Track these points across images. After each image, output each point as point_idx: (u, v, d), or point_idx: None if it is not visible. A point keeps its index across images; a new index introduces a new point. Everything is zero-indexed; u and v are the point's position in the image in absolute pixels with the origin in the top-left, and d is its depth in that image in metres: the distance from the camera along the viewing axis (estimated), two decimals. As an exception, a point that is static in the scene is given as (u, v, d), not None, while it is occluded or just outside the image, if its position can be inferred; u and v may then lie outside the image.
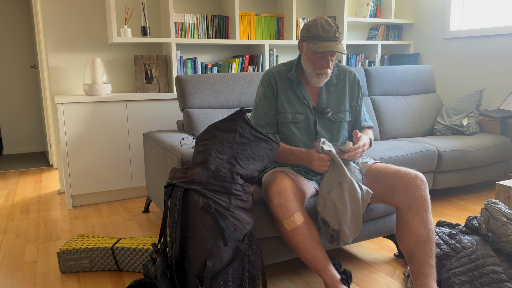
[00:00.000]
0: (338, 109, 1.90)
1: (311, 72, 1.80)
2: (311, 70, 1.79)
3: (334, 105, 1.89)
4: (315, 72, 1.79)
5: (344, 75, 1.94)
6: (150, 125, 3.04)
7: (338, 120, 1.89)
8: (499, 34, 3.43)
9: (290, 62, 1.93)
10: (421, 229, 1.64)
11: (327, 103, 1.89)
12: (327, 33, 1.70)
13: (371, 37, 4.25)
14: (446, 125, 3.21)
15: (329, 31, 1.71)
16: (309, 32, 1.74)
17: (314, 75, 1.80)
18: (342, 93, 1.92)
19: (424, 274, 1.60)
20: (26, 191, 3.37)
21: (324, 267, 1.62)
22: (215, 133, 1.59)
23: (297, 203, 1.60)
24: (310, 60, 1.78)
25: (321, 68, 1.77)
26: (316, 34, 1.72)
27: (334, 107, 1.89)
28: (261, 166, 1.62)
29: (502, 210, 1.80)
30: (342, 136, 1.91)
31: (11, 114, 5.00)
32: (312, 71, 1.79)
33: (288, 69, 1.90)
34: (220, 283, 1.44)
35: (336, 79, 1.91)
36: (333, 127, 1.89)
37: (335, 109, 1.89)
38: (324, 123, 1.88)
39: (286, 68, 1.90)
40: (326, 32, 1.70)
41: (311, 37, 1.73)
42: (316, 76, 1.79)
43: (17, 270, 2.03)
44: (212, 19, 3.39)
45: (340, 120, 1.90)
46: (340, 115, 1.90)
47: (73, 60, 3.11)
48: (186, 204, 1.45)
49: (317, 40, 1.72)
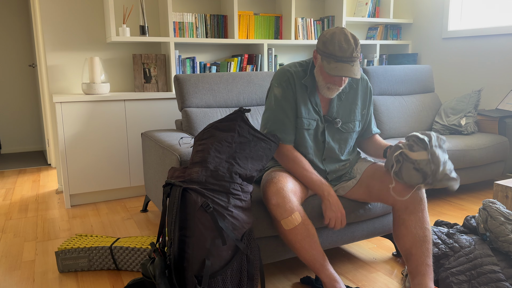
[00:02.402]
0: (348, 119, 1.83)
1: (323, 85, 1.72)
2: (322, 83, 1.71)
3: (344, 115, 1.82)
4: (327, 86, 1.71)
5: (356, 83, 1.85)
6: (149, 124, 3.04)
7: (347, 131, 1.84)
8: (497, 34, 3.44)
9: (306, 63, 1.81)
10: (417, 229, 1.64)
11: (337, 113, 1.81)
12: (344, 52, 1.59)
13: (370, 37, 4.25)
14: (444, 124, 3.21)
15: (346, 50, 1.59)
16: (325, 48, 1.63)
17: (325, 87, 1.72)
18: (353, 102, 1.84)
19: (422, 274, 1.60)
20: (24, 190, 3.37)
21: (322, 267, 1.62)
22: (213, 133, 1.59)
23: (295, 203, 1.60)
24: (323, 74, 1.69)
25: (333, 84, 1.69)
26: (332, 52, 1.61)
27: (344, 117, 1.82)
28: (260, 165, 1.62)
29: (500, 210, 1.81)
30: (349, 146, 1.87)
31: (9, 113, 4.99)
32: (324, 84, 1.71)
33: (304, 70, 1.78)
34: (218, 282, 1.44)
35: (348, 87, 1.84)
36: (341, 138, 1.84)
37: (345, 119, 1.82)
38: (332, 133, 1.82)
39: (302, 70, 1.78)
40: (343, 51, 1.59)
41: (327, 54, 1.63)
42: (327, 89, 1.72)
43: (15, 269, 2.02)
44: (210, 19, 3.39)
45: (349, 131, 1.84)
46: (349, 125, 1.83)
47: (72, 59, 3.10)
48: (185, 203, 1.45)
49: (332, 59, 1.62)
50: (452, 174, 1.58)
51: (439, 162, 1.56)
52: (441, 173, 1.56)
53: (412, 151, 1.61)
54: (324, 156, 1.83)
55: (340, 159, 1.86)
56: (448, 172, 1.57)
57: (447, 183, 1.57)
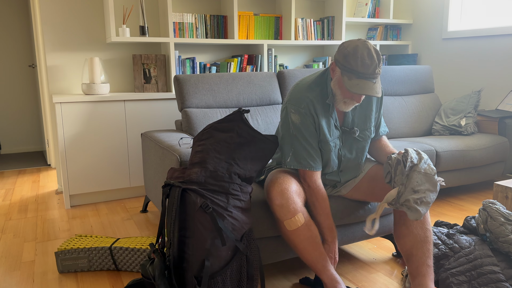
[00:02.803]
0: (364, 127, 1.77)
1: (340, 99, 1.64)
2: (340, 97, 1.63)
3: (360, 123, 1.76)
4: (343, 100, 1.63)
5: None
6: (149, 124, 3.04)
7: (364, 139, 1.79)
8: (497, 34, 3.44)
9: (321, 80, 1.70)
10: (418, 229, 1.64)
11: (353, 122, 1.75)
12: (367, 69, 1.51)
13: (370, 37, 4.25)
14: (444, 125, 3.21)
15: (369, 67, 1.51)
16: (347, 63, 1.54)
17: (341, 102, 1.64)
18: (367, 108, 1.77)
19: (422, 274, 1.60)
20: (24, 190, 3.36)
21: (324, 268, 1.62)
22: (213, 133, 1.59)
23: (298, 204, 1.60)
24: (341, 89, 1.62)
25: (350, 99, 1.62)
26: (354, 68, 1.52)
27: (360, 125, 1.76)
28: (259, 166, 1.62)
29: (500, 210, 1.81)
30: (365, 154, 1.83)
31: (9, 114, 4.99)
32: (341, 98, 1.63)
33: (321, 90, 1.68)
34: (218, 283, 1.44)
35: None
36: (359, 147, 1.79)
37: (361, 127, 1.76)
38: (349, 143, 1.77)
39: (320, 90, 1.68)
40: (366, 67, 1.51)
41: (348, 69, 1.54)
42: (343, 103, 1.64)
43: (15, 269, 2.02)
44: (210, 19, 3.39)
45: (365, 139, 1.79)
46: (366, 133, 1.78)
47: (71, 59, 3.10)
48: (184, 204, 1.45)
49: (353, 75, 1.54)
50: (420, 205, 1.52)
51: (409, 187, 1.54)
52: (403, 198, 1.53)
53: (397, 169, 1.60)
54: (341, 168, 1.81)
55: (355, 168, 1.83)
56: (412, 201, 1.52)
57: (406, 210, 1.53)
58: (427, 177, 1.55)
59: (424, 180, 1.54)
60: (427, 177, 1.55)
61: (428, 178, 1.55)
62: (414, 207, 1.51)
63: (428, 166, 1.58)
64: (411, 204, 1.51)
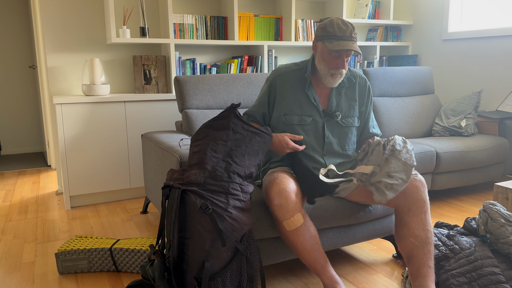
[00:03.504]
0: (348, 114, 1.87)
1: (326, 73, 1.77)
2: (325, 70, 1.76)
3: (343, 109, 1.86)
4: (330, 72, 1.76)
5: (355, 79, 1.90)
6: (149, 125, 3.04)
7: (347, 125, 1.86)
8: (497, 35, 3.44)
9: (303, 62, 1.90)
10: (420, 230, 1.64)
11: (337, 107, 1.86)
12: (344, 32, 1.69)
13: (370, 38, 4.25)
14: (445, 126, 3.21)
15: (345, 31, 1.69)
16: (325, 32, 1.72)
17: (328, 75, 1.76)
18: (352, 98, 1.89)
19: (423, 275, 1.60)
20: (24, 191, 3.36)
21: (323, 268, 1.62)
22: (208, 132, 1.59)
23: (297, 204, 1.60)
24: (325, 60, 1.75)
25: (336, 69, 1.74)
26: (332, 33, 1.70)
27: (343, 111, 1.86)
28: (257, 160, 1.61)
29: (500, 212, 1.80)
30: (350, 141, 1.88)
31: (9, 115, 4.99)
32: (327, 71, 1.76)
33: (300, 69, 1.87)
34: (218, 284, 1.44)
35: (347, 82, 1.88)
36: (341, 132, 1.86)
37: (345, 114, 1.86)
38: (332, 127, 1.85)
39: (298, 68, 1.87)
40: (343, 31, 1.69)
41: (327, 36, 1.71)
42: (330, 76, 1.76)
43: (15, 270, 2.02)
44: (211, 20, 3.39)
45: (348, 125, 1.87)
46: (349, 119, 1.87)
47: (72, 60, 3.10)
48: (184, 205, 1.45)
49: (333, 39, 1.70)
50: (388, 190, 1.54)
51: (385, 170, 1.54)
52: (376, 179, 1.54)
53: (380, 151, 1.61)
54: (324, 152, 1.83)
55: (341, 154, 1.86)
56: (383, 185, 1.53)
57: (374, 191, 1.55)
58: (405, 166, 1.57)
59: (402, 168, 1.56)
60: (405, 167, 1.57)
61: (406, 168, 1.57)
62: (382, 190, 1.54)
63: (409, 156, 1.59)
64: (381, 186, 1.54)
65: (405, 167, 1.56)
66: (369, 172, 1.58)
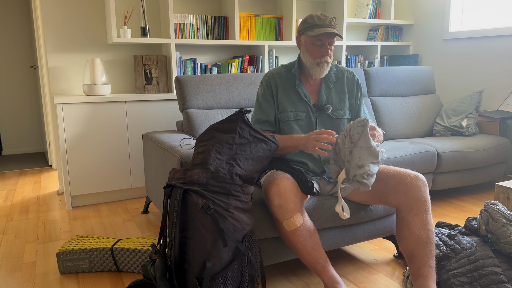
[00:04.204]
0: (338, 106, 1.92)
1: (312, 63, 1.81)
2: (311, 61, 1.81)
3: (334, 102, 1.91)
4: (315, 62, 1.80)
5: (342, 74, 1.97)
6: (150, 125, 3.04)
7: (338, 117, 1.91)
8: (498, 35, 3.44)
9: (290, 63, 1.96)
10: (421, 230, 1.64)
11: (327, 100, 1.91)
12: (323, 21, 1.76)
13: (371, 38, 4.25)
14: (446, 126, 3.21)
15: (324, 20, 1.76)
16: (306, 24, 1.79)
17: (315, 65, 1.81)
18: (341, 91, 1.94)
19: (424, 275, 1.60)
20: (25, 191, 3.37)
21: (323, 268, 1.62)
22: (214, 134, 1.59)
23: (297, 204, 1.60)
24: (310, 51, 1.80)
25: (321, 57, 1.79)
26: (312, 23, 1.77)
27: (334, 104, 1.91)
28: (260, 166, 1.61)
29: (502, 211, 1.80)
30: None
31: (11, 115, 5.00)
32: (313, 61, 1.80)
33: (288, 70, 1.93)
34: (219, 284, 1.44)
35: (335, 77, 1.94)
36: (333, 124, 1.90)
37: (335, 106, 1.91)
38: (324, 120, 1.90)
39: (286, 70, 1.93)
40: (322, 20, 1.76)
41: (308, 27, 1.78)
42: (317, 66, 1.81)
43: (16, 270, 2.02)
44: (211, 20, 3.39)
45: (340, 117, 1.91)
46: (340, 112, 1.92)
47: (73, 60, 3.10)
48: (186, 205, 1.45)
49: (314, 27, 1.76)
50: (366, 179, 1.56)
51: (353, 163, 1.57)
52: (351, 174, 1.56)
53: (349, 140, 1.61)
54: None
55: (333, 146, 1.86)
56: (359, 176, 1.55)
57: (358, 184, 1.57)
58: (369, 151, 1.59)
59: (366, 154, 1.58)
60: (369, 151, 1.59)
61: (370, 151, 1.59)
62: (362, 181, 1.57)
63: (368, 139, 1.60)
64: (359, 178, 1.57)
65: (369, 151, 1.58)
66: (345, 174, 1.60)
